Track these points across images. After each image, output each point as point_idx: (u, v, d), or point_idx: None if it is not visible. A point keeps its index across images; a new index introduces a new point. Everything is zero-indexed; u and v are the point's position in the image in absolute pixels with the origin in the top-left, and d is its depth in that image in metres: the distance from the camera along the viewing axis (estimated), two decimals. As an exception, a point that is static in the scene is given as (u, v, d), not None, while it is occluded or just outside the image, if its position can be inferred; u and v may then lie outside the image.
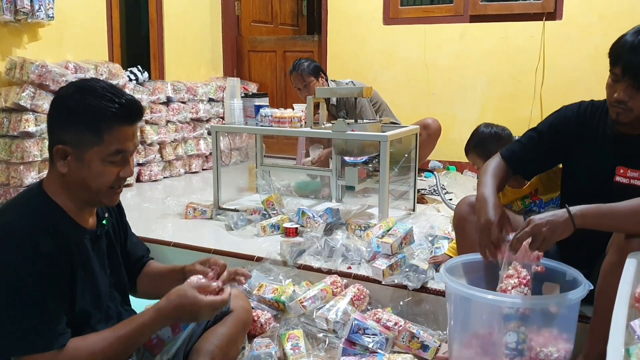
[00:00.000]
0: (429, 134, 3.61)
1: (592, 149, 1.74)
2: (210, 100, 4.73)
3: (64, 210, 1.35)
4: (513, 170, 1.84)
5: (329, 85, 3.71)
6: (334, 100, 3.70)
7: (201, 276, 1.44)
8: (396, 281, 2.15)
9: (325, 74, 3.76)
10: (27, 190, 1.38)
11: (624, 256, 1.44)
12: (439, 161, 4.29)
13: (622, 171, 1.66)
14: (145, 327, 1.33)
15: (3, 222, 1.29)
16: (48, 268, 1.25)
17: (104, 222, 1.48)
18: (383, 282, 2.16)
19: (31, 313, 1.22)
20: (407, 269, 2.19)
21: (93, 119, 1.27)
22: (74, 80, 2.07)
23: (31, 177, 3.28)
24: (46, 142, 3.31)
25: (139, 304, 1.69)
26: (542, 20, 4.09)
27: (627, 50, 1.55)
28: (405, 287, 2.14)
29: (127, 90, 3.88)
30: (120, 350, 1.30)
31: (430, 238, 2.52)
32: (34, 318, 1.22)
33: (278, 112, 2.99)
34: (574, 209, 1.50)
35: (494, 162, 1.85)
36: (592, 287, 1.53)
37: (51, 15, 3.55)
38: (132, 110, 1.32)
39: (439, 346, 1.90)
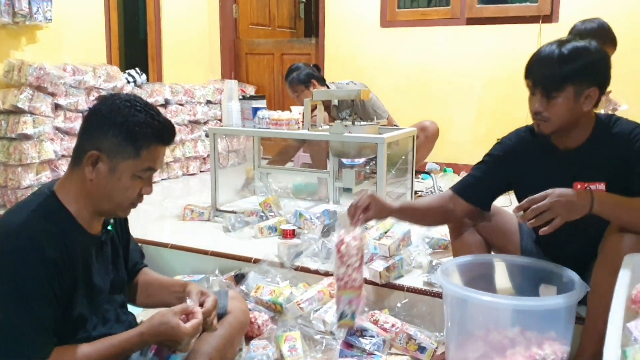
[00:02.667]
0: (427, 136, 3.62)
1: (543, 170, 1.73)
2: (208, 102, 4.73)
3: (74, 217, 1.35)
4: (467, 199, 1.83)
5: (327, 88, 3.72)
6: (335, 102, 3.70)
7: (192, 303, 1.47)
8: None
9: (321, 78, 3.75)
10: (38, 193, 1.37)
11: (616, 258, 1.46)
12: (436, 163, 4.30)
13: (579, 187, 1.65)
14: (126, 348, 1.35)
15: (12, 224, 1.28)
16: (49, 274, 1.25)
17: (109, 227, 1.48)
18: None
19: (22, 319, 1.22)
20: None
21: (137, 134, 1.31)
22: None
23: (29, 179, 3.28)
24: (44, 144, 3.33)
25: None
26: (538, 23, 4.10)
27: (535, 62, 1.64)
28: (402, 288, 2.15)
29: (124, 92, 3.91)
30: None
31: (427, 240, 2.52)
32: (23, 325, 1.22)
33: (275, 115, 2.99)
34: (595, 192, 1.52)
35: (440, 194, 1.92)
36: (588, 289, 1.53)
37: (49, 17, 3.55)
38: (171, 132, 1.39)
39: (436, 348, 1.90)
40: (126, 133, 1.31)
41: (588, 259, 1.68)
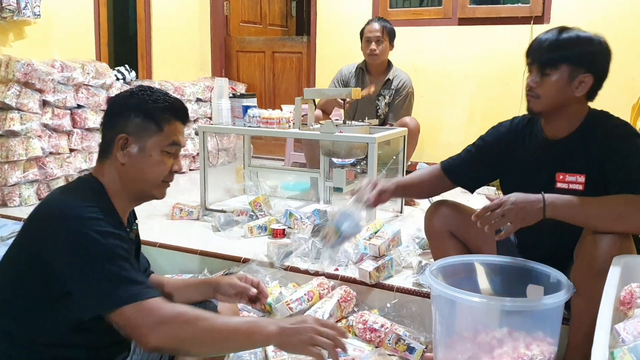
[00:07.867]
0: (408, 133, 3.62)
1: (529, 159, 1.76)
2: (198, 100, 4.70)
3: (114, 208, 1.38)
4: (453, 180, 1.91)
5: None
6: (388, 99, 3.71)
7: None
8: None
9: None
10: (84, 180, 1.40)
11: (594, 261, 1.48)
12: (427, 163, 4.30)
13: (561, 177, 1.69)
14: (253, 332, 1.19)
15: (66, 205, 1.27)
16: (118, 240, 1.26)
17: (134, 226, 1.50)
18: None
19: (122, 268, 1.21)
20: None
21: (155, 110, 1.38)
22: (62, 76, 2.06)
23: (16, 176, 3.24)
24: (32, 141, 3.30)
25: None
26: (530, 24, 4.12)
27: (536, 41, 1.69)
28: (392, 288, 2.14)
29: (113, 90, 3.88)
30: (218, 337, 1.19)
31: (417, 240, 2.52)
32: (125, 271, 1.21)
33: (266, 113, 2.98)
34: (548, 197, 1.53)
35: (431, 168, 1.96)
36: (575, 290, 1.54)
37: (38, 13, 3.52)
38: (184, 109, 1.46)
39: (426, 348, 1.90)
40: (145, 112, 1.37)
41: (563, 261, 1.69)
